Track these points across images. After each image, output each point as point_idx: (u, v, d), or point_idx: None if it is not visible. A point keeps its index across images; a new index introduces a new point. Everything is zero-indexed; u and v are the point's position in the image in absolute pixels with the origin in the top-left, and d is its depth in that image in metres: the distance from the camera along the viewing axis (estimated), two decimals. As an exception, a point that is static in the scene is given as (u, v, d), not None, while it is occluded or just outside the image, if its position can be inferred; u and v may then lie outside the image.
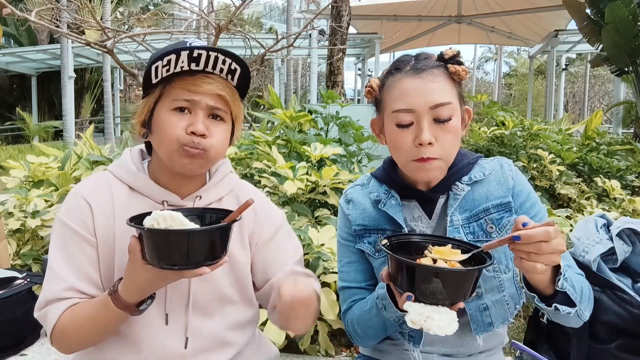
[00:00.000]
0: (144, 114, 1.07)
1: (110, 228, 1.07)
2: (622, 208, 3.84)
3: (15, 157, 8.25)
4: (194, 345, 1.10)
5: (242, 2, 4.48)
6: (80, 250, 1.05)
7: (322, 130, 4.26)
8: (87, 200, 1.07)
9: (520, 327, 2.84)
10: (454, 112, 1.06)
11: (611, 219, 1.69)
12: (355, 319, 1.17)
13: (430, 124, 1.05)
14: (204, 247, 0.89)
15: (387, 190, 1.18)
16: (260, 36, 7.51)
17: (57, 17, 5.26)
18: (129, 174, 1.11)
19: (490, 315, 1.13)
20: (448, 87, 1.07)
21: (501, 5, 16.07)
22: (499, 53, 30.44)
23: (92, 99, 19.79)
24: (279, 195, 2.96)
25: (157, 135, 1.06)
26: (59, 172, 3.41)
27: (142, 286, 0.95)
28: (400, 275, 0.91)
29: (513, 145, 4.87)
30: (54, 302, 1.04)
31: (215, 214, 1.02)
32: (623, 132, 12.17)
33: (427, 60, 1.09)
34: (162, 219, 0.87)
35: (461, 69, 1.08)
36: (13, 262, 2.97)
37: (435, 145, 1.05)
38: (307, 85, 25.40)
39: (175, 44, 1.08)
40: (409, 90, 1.06)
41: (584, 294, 1.05)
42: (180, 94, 1.03)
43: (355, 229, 1.20)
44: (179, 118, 1.03)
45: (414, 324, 0.89)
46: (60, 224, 1.07)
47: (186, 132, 1.03)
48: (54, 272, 1.05)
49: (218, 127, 1.07)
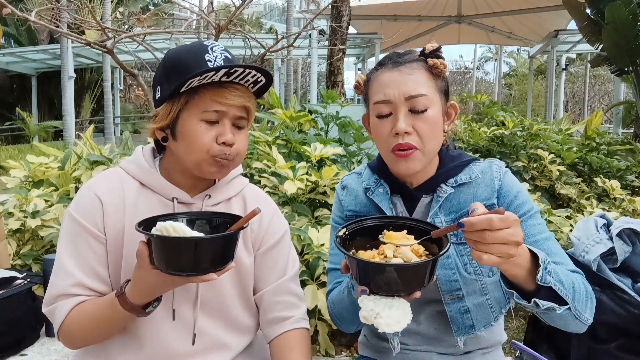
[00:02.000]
0: (167, 120, 1.07)
1: (120, 224, 1.08)
2: (622, 208, 3.84)
3: (15, 157, 8.25)
4: (199, 343, 1.12)
5: (242, 2, 4.48)
6: (89, 246, 1.07)
7: (322, 130, 4.26)
8: (99, 196, 1.08)
9: (520, 327, 2.84)
10: (431, 103, 1.08)
11: (611, 219, 1.70)
12: (334, 299, 1.19)
13: (406, 114, 1.08)
14: (212, 254, 0.91)
15: (377, 180, 1.21)
16: (260, 36, 7.51)
17: (57, 17, 5.26)
18: (140, 170, 1.13)
19: (471, 318, 1.13)
20: (424, 80, 1.09)
21: (501, 5, 16.05)
22: (499, 53, 30.44)
23: (92, 99, 19.79)
24: (279, 195, 2.96)
25: (184, 143, 1.07)
26: (59, 172, 3.40)
27: (149, 290, 0.97)
28: (355, 270, 0.91)
29: (513, 145, 4.87)
30: (61, 299, 1.05)
31: (223, 219, 1.04)
32: (623, 132, 12.17)
33: (408, 56, 1.13)
34: (165, 231, 0.89)
35: (439, 62, 1.10)
36: (13, 262, 2.97)
37: (412, 135, 1.08)
38: (307, 85, 25.40)
39: (197, 46, 1.08)
40: (386, 82, 1.10)
41: (578, 292, 1.00)
42: (210, 105, 1.04)
43: (347, 214, 1.24)
44: (208, 128, 1.05)
45: (366, 320, 0.89)
46: (70, 220, 1.08)
47: (216, 142, 1.05)
48: (62, 267, 1.06)
49: (241, 134, 1.10)
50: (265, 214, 1.21)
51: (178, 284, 0.97)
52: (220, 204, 1.16)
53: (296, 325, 1.18)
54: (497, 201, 1.13)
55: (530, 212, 1.13)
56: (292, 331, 1.17)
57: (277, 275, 1.20)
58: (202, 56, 1.05)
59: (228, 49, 1.11)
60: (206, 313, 1.13)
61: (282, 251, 1.22)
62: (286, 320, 1.18)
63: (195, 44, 1.10)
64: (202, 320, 1.12)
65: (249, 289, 1.19)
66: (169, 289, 1.00)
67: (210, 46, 1.08)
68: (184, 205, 1.12)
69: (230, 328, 1.16)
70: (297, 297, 1.22)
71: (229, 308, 1.16)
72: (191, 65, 1.04)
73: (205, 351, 1.13)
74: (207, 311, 1.13)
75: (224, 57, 1.07)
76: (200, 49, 1.07)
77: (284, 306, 1.19)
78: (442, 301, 1.13)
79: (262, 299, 1.19)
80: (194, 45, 1.09)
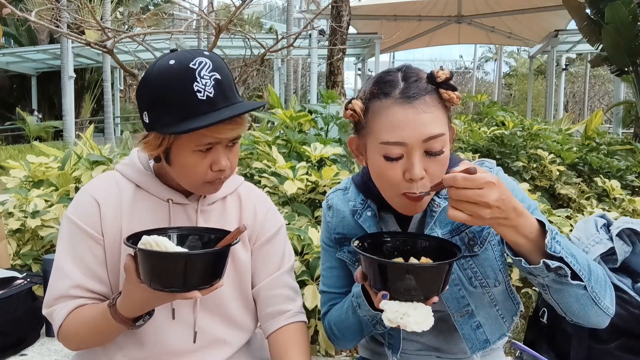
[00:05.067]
0: (158, 150, 1.04)
1: (117, 227, 1.08)
2: (622, 208, 3.84)
3: (15, 157, 8.24)
4: (199, 340, 1.12)
5: (242, 2, 4.48)
6: (88, 248, 1.07)
7: (322, 130, 4.26)
8: (96, 198, 1.09)
9: (520, 327, 2.83)
10: (446, 143, 0.98)
11: (611, 219, 1.69)
12: (333, 320, 1.17)
13: (421, 157, 0.96)
14: (197, 271, 0.89)
15: (364, 200, 1.14)
16: (260, 36, 7.51)
17: (57, 17, 5.26)
18: (136, 173, 1.13)
19: (484, 332, 1.11)
20: (441, 117, 0.97)
21: (501, 5, 16.05)
22: (499, 53, 30.41)
23: (92, 99, 19.79)
24: (279, 195, 2.96)
25: (178, 170, 1.06)
26: (59, 172, 3.40)
27: (137, 304, 0.96)
28: (373, 275, 0.92)
29: (513, 145, 4.87)
30: (61, 300, 1.06)
31: (215, 235, 1.02)
32: (623, 132, 12.18)
33: (418, 84, 0.97)
34: (149, 245, 0.89)
35: (455, 95, 0.98)
36: (13, 262, 2.97)
37: (425, 178, 0.97)
38: (307, 85, 25.39)
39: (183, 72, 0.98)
40: (399, 122, 0.95)
41: (595, 273, 0.95)
42: (204, 139, 1.01)
43: (335, 237, 1.19)
44: (202, 157, 1.03)
45: (391, 322, 0.89)
46: (68, 222, 1.09)
47: (211, 169, 1.04)
48: (61, 269, 1.07)
49: (234, 150, 1.08)
50: (259, 210, 1.22)
51: (165, 299, 0.96)
52: (215, 202, 1.17)
53: (294, 319, 1.18)
54: None
55: (530, 210, 1.10)
56: (290, 325, 1.17)
57: (273, 269, 1.20)
58: (191, 87, 0.97)
59: (218, 64, 1.01)
60: (205, 311, 1.14)
61: (278, 245, 1.22)
62: (283, 314, 1.18)
63: (181, 67, 0.98)
64: (201, 318, 1.13)
65: (247, 285, 1.20)
66: (157, 304, 0.98)
67: (197, 70, 0.98)
68: (180, 205, 1.13)
69: (229, 325, 1.17)
70: (293, 290, 1.22)
71: (228, 305, 1.16)
72: (177, 101, 0.98)
73: (205, 349, 1.14)
74: (206, 309, 1.14)
75: (214, 83, 0.99)
76: (187, 76, 0.98)
77: (281, 299, 1.19)
78: (441, 306, 1.10)
79: (259, 293, 1.20)
80: (180, 69, 0.98)
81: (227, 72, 1.03)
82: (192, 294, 0.89)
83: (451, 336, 1.15)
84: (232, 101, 1.02)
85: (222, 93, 1.00)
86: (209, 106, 0.98)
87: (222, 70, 1.01)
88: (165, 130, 0.99)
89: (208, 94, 0.98)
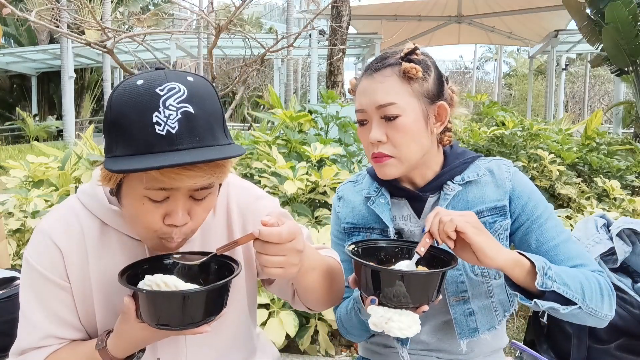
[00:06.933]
0: (109, 184, 0.87)
1: (85, 270, 0.96)
2: (622, 208, 3.84)
3: (15, 157, 8.25)
4: None
5: (242, 2, 4.48)
6: (54, 295, 0.96)
7: (322, 130, 4.27)
8: (57, 244, 0.94)
9: (520, 327, 2.84)
10: (402, 111, 1.05)
11: (611, 219, 1.70)
12: (342, 316, 1.19)
13: (379, 122, 1.07)
14: (205, 305, 0.84)
15: (378, 188, 1.18)
16: (260, 36, 7.51)
17: (57, 17, 5.26)
18: (100, 207, 0.96)
19: (475, 320, 1.12)
20: (396, 87, 1.05)
21: (501, 5, 16.05)
22: (499, 53, 30.41)
23: (92, 99, 19.79)
24: (279, 195, 2.96)
25: (126, 213, 0.90)
26: (59, 172, 3.41)
27: (135, 343, 0.91)
28: (365, 280, 0.92)
29: (513, 145, 4.87)
30: (31, 350, 0.98)
31: (218, 264, 0.94)
32: (623, 132, 12.17)
33: (386, 60, 1.09)
34: (155, 285, 0.83)
35: (409, 66, 1.04)
36: (13, 262, 2.96)
37: (387, 143, 1.07)
38: (307, 85, 25.38)
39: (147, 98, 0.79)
40: (361, 91, 1.10)
41: (589, 291, 0.99)
42: (154, 183, 0.81)
43: (344, 227, 1.21)
44: (155, 206, 0.84)
45: (375, 327, 0.90)
46: (29, 268, 0.96)
47: (163, 222, 0.86)
48: (29, 320, 0.98)
49: (202, 205, 0.88)
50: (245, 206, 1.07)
51: (168, 335, 0.90)
52: None
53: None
54: (510, 203, 1.11)
55: (547, 213, 1.11)
56: None
57: None
58: (150, 116, 0.78)
59: (196, 94, 0.81)
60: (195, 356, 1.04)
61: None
62: None
63: (146, 91, 0.80)
64: (195, 350, 1.04)
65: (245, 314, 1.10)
66: (157, 340, 0.93)
67: (163, 97, 0.79)
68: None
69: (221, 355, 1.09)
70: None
71: (220, 343, 1.07)
72: (131, 130, 0.79)
73: None
74: (196, 353, 1.04)
75: (180, 117, 0.79)
76: (149, 103, 0.79)
77: None
78: (447, 312, 1.12)
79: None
80: (144, 93, 0.80)
81: (208, 106, 0.82)
82: (202, 328, 0.84)
83: (455, 340, 1.15)
84: (205, 143, 0.80)
85: (191, 131, 0.79)
86: (167, 144, 0.78)
87: (200, 103, 0.81)
88: (111, 163, 0.79)
89: (169, 128, 0.78)
